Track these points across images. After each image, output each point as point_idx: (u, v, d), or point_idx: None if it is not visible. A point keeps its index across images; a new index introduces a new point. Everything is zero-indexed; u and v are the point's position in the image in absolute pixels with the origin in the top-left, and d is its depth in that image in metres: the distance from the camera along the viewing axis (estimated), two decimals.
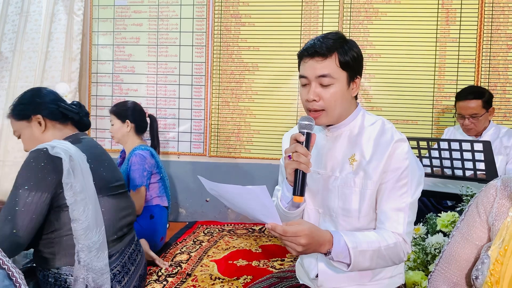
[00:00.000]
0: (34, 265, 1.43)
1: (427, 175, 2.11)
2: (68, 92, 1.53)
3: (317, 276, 1.17)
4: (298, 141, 1.07)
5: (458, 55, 3.00)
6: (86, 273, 1.26)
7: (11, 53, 3.28)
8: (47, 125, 1.40)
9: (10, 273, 0.82)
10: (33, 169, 1.22)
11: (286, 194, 1.13)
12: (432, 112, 3.05)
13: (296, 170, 1.05)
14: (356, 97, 1.20)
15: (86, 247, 1.25)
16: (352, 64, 1.12)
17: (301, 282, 1.27)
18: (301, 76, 1.15)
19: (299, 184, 1.04)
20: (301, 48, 1.18)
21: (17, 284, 0.82)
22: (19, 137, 1.43)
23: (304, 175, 1.05)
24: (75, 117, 1.45)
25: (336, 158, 1.16)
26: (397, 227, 1.07)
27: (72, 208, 1.24)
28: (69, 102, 1.48)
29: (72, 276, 1.28)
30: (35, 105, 1.39)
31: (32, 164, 1.22)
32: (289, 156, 1.07)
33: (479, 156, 1.96)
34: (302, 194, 1.05)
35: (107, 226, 1.34)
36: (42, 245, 1.30)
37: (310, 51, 1.11)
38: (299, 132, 1.08)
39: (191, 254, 2.55)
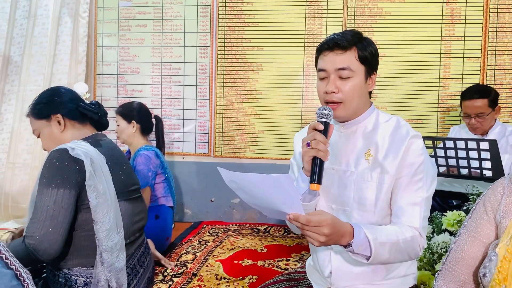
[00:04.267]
0: (42, 264, 1.44)
1: None
2: (86, 92, 1.53)
3: (330, 273, 1.17)
4: (316, 130, 1.08)
5: (463, 53, 2.99)
6: (109, 274, 1.26)
7: (20, 57, 3.32)
8: (66, 124, 1.40)
9: (18, 273, 0.83)
10: (57, 168, 1.23)
11: (301, 185, 1.13)
12: (437, 111, 3.04)
13: (313, 159, 1.05)
14: (370, 95, 1.21)
15: (109, 248, 1.26)
16: (370, 59, 1.14)
17: (313, 284, 1.26)
18: (319, 70, 1.16)
19: (316, 172, 1.04)
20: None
21: (25, 284, 0.83)
22: (38, 136, 1.44)
23: (322, 163, 1.05)
24: (94, 117, 1.45)
25: (351, 154, 1.17)
26: (413, 221, 1.08)
27: (95, 210, 1.24)
28: (87, 102, 1.49)
29: (83, 277, 1.29)
30: (54, 104, 1.40)
31: (56, 163, 1.23)
32: (308, 144, 1.07)
33: (485, 154, 1.95)
34: (319, 182, 1.04)
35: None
36: None
37: (330, 44, 1.13)
38: (318, 121, 1.09)
39: (196, 254, 2.56)
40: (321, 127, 1.07)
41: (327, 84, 1.13)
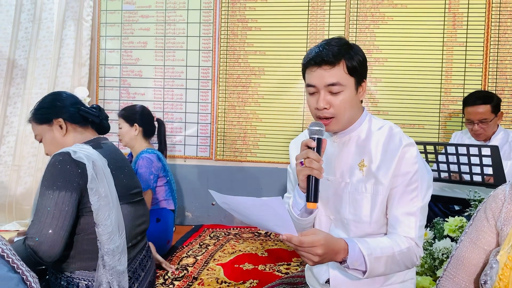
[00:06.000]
0: (43, 267, 1.44)
1: (434, 179, 2.11)
2: (87, 95, 1.54)
3: (327, 281, 1.17)
4: (309, 147, 1.06)
5: (465, 59, 2.99)
6: (111, 277, 1.26)
7: (25, 60, 3.35)
8: (68, 128, 1.41)
9: (25, 277, 0.83)
10: (59, 171, 1.23)
11: (298, 201, 1.12)
12: (439, 117, 3.04)
13: (308, 177, 1.04)
14: (361, 101, 1.20)
15: (111, 251, 1.26)
16: (359, 69, 1.12)
17: None
18: (308, 85, 1.14)
19: (312, 190, 1.04)
20: (307, 51, 1.17)
21: None
22: (40, 141, 1.45)
23: (317, 181, 1.04)
24: (95, 120, 1.46)
25: (345, 164, 1.16)
26: (409, 232, 1.07)
27: (97, 213, 1.24)
28: (88, 105, 1.50)
29: (85, 280, 1.29)
30: (56, 108, 1.41)
31: (58, 166, 1.23)
32: (301, 163, 1.06)
33: (487, 160, 1.95)
34: (315, 200, 1.04)
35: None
36: None
37: (317, 60, 1.10)
38: (310, 138, 1.07)
39: (197, 257, 2.56)
40: (314, 144, 1.06)
41: (317, 100, 1.11)
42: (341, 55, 1.09)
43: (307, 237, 0.95)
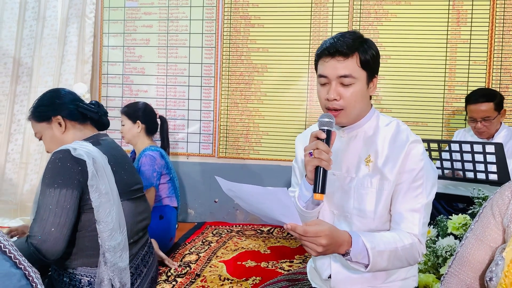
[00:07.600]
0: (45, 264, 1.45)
1: (438, 177, 2.10)
2: (86, 92, 1.53)
3: (329, 277, 1.17)
4: (319, 138, 1.06)
5: (469, 56, 2.98)
6: (112, 274, 1.27)
7: (30, 59, 3.37)
8: (67, 125, 1.41)
9: (27, 272, 0.83)
10: (60, 168, 1.23)
11: (304, 193, 1.12)
12: (443, 114, 3.03)
13: (316, 168, 1.04)
14: (370, 97, 1.19)
15: (112, 248, 1.26)
16: (372, 63, 1.13)
17: (313, 285, 1.26)
18: (320, 76, 1.14)
19: (319, 182, 1.03)
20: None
21: (34, 284, 0.83)
22: (40, 139, 1.45)
23: (325, 172, 1.04)
24: (94, 116, 1.46)
25: (352, 159, 1.16)
26: (412, 228, 1.07)
27: (98, 210, 1.24)
28: (87, 102, 1.50)
29: (87, 277, 1.29)
30: (54, 106, 1.40)
31: (58, 164, 1.23)
32: (310, 154, 1.06)
33: (491, 158, 1.94)
34: (323, 191, 1.04)
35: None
36: None
37: (331, 50, 1.09)
38: (320, 129, 1.07)
39: (200, 254, 2.56)
40: (324, 135, 1.06)
41: (328, 91, 1.11)
42: (355, 48, 1.09)
43: (312, 227, 0.95)
